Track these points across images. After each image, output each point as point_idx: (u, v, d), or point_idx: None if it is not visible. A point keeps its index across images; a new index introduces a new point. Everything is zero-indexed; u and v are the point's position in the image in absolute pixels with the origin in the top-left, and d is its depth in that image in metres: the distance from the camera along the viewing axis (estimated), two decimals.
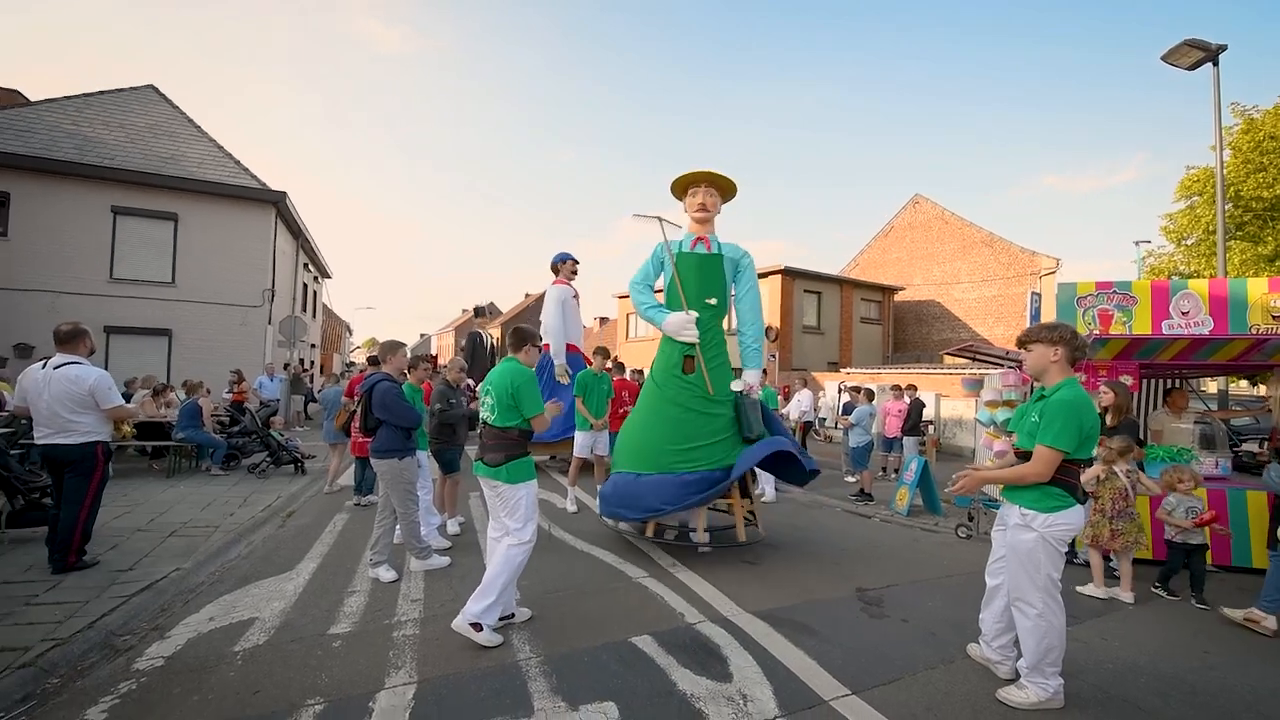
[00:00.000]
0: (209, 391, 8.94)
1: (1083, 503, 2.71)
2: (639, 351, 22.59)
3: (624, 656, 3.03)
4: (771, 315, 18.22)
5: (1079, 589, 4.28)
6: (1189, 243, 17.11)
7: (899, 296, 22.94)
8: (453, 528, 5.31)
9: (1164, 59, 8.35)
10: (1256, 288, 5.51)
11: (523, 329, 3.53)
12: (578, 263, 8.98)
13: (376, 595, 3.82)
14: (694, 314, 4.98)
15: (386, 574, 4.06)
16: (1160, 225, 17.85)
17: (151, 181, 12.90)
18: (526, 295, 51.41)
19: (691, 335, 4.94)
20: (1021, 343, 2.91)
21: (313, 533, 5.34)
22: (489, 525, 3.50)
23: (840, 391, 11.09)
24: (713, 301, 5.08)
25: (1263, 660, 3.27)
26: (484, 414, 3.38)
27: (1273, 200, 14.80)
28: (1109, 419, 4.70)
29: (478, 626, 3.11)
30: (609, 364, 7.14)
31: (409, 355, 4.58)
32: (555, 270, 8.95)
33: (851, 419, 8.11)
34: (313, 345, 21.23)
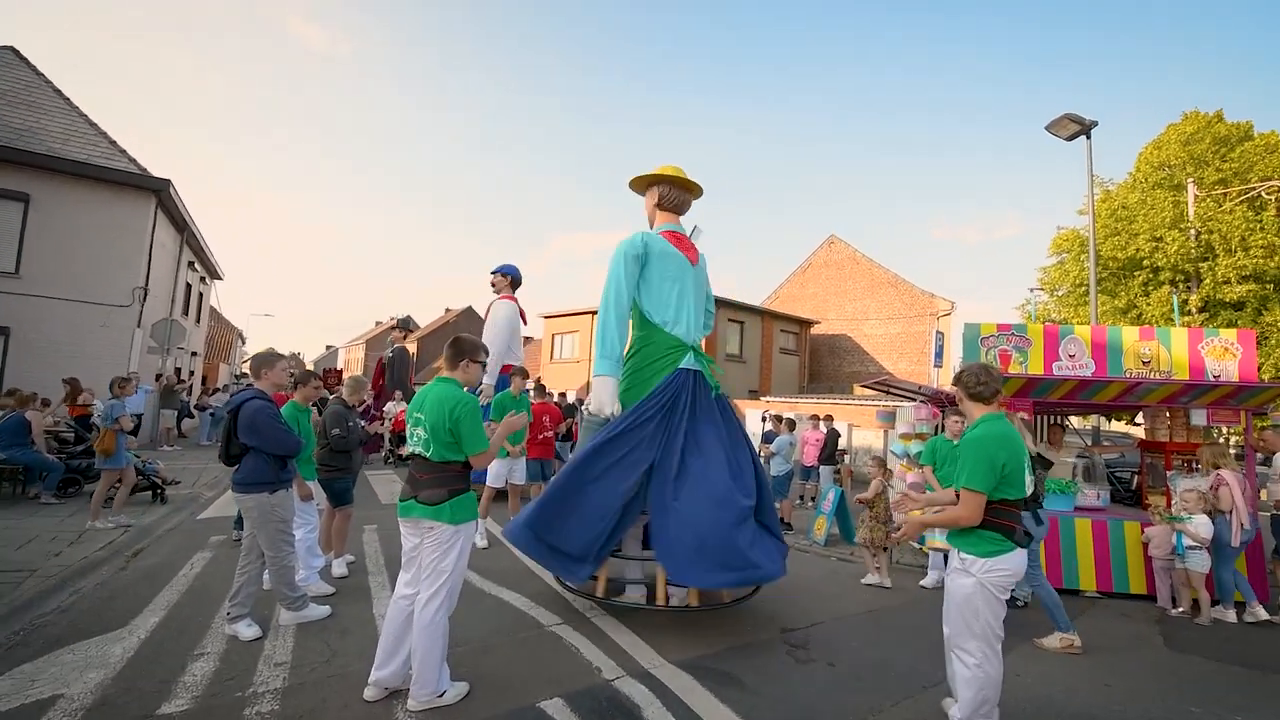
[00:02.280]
0: (46, 403, 7.56)
1: (1024, 546, 2.57)
2: (562, 374, 22.08)
3: None
4: None
5: (863, 581, 5.32)
6: (1060, 294, 19.30)
7: (814, 330, 24.11)
8: (339, 569, 4.64)
9: (1047, 129, 9.32)
10: (1129, 335, 6.09)
11: (463, 340, 2.99)
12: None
13: (230, 659, 3.16)
14: None
15: (247, 630, 3.39)
16: (1037, 278, 20.06)
17: None
18: (447, 310, 49.41)
19: None
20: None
21: (162, 576, 4.48)
22: (400, 577, 2.90)
23: (763, 421, 11.25)
24: None
25: (1154, 685, 3.41)
26: (414, 446, 2.85)
27: (1125, 260, 17.00)
28: None
29: (441, 694, 2.75)
30: (529, 386, 6.73)
31: (289, 367, 3.91)
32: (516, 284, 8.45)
33: (773, 448, 8.15)
34: (194, 354, 18.92)
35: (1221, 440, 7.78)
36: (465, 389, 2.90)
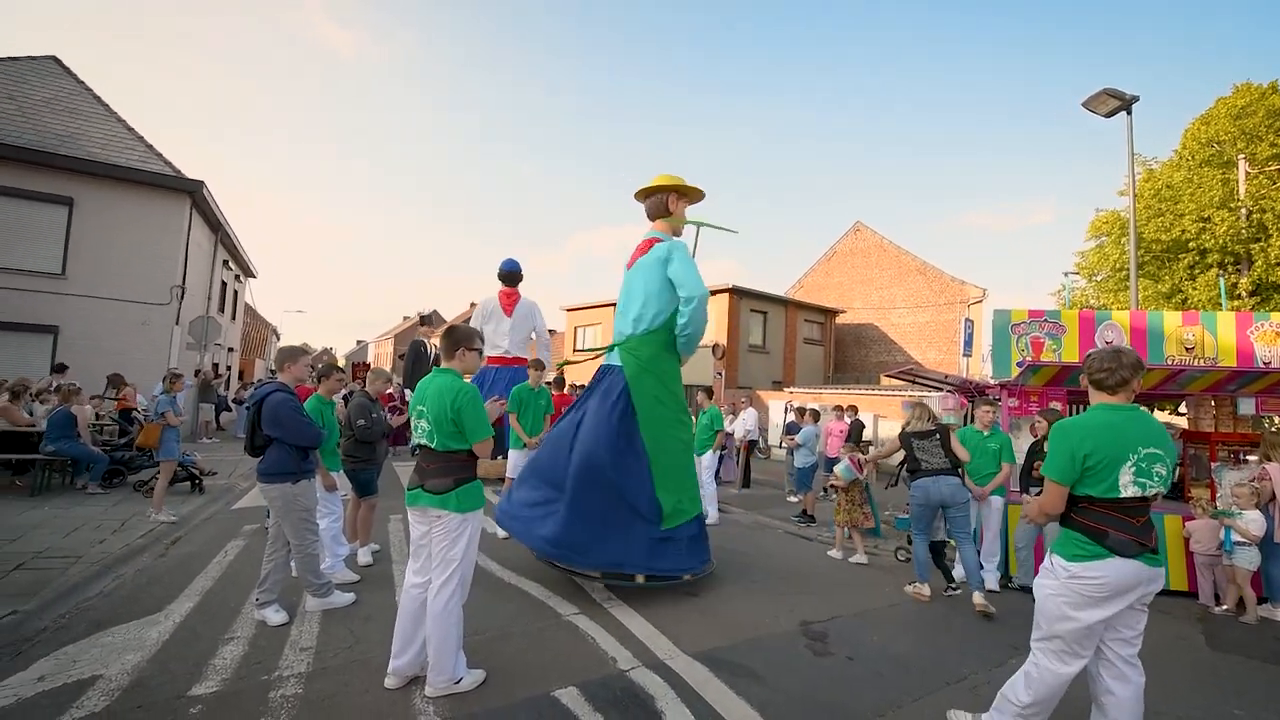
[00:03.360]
0: (94, 398, 7.89)
1: (1126, 555, 2.20)
2: (585, 365, 22.18)
3: (544, 715, 2.65)
4: (719, 333, 18.32)
5: (850, 559, 5.68)
6: (1099, 279, 18.51)
7: (840, 319, 23.67)
8: (364, 557, 4.75)
9: (1084, 105, 8.92)
10: (1171, 321, 5.81)
11: (457, 329, 3.00)
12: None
13: (258, 644, 3.26)
14: None
15: (275, 616, 3.50)
16: (1074, 262, 19.28)
17: (43, 160, 11.52)
18: (472, 304, 50.06)
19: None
20: None
21: (197, 564, 4.65)
22: (409, 566, 2.98)
23: (786, 411, 11.12)
24: None
25: (1194, 686, 3.27)
26: (419, 438, 2.89)
27: (1169, 243, 16.20)
28: (1047, 446, 4.76)
29: (458, 681, 2.80)
30: (547, 378, 6.76)
31: (311, 361, 4.01)
32: (517, 280, 8.72)
33: (799, 439, 8.06)
34: (230, 349, 19.57)
35: (1275, 430, 7.37)
36: (465, 378, 2.92)
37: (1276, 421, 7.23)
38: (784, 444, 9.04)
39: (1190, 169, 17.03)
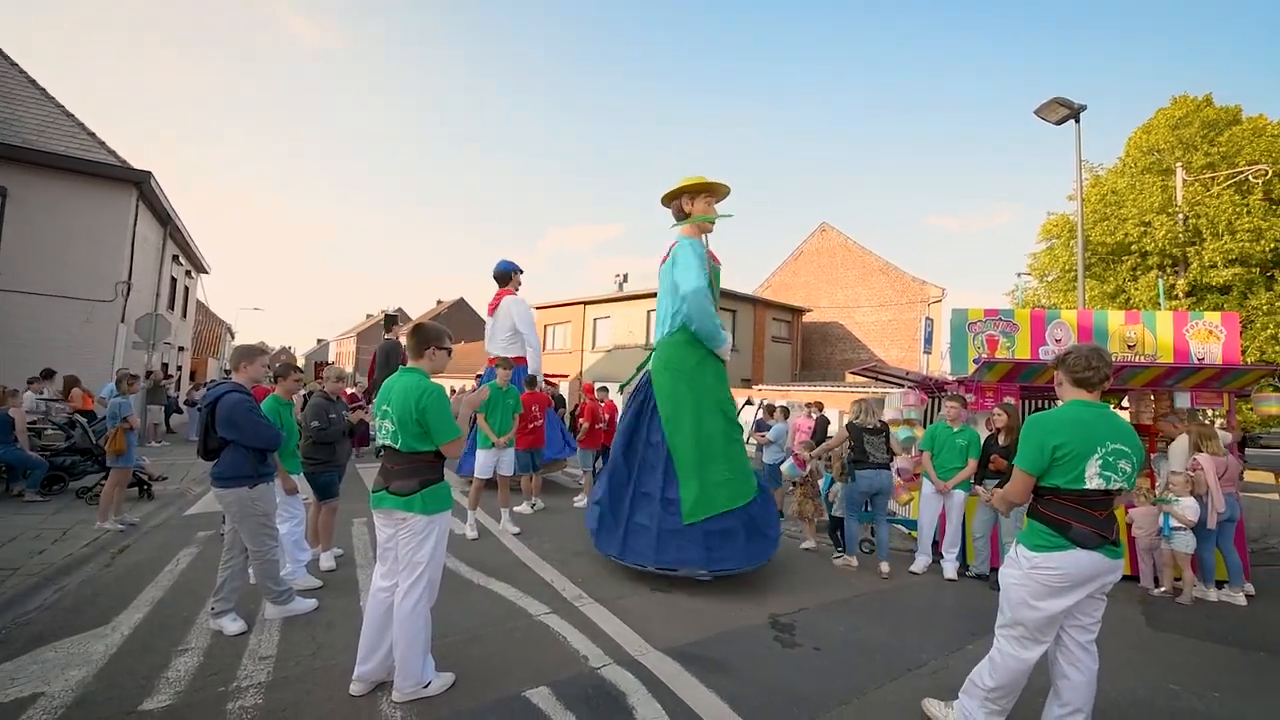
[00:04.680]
0: (49, 401, 7.45)
1: (1087, 547, 2.30)
2: (554, 364, 22.02)
3: (515, 715, 2.64)
4: None
5: (801, 545, 6.01)
6: (1050, 279, 19.36)
7: (806, 318, 24.13)
8: (327, 562, 4.61)
9: (1036, 113, 9.30)
10: (1115, 320, 6.13)
11: (427, 327, 2.90)
12: (521, 273, 8.82)
13: (214, 654, 3.13)
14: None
15: (232, 625, 3.36)
16: (1027, 263, 20.12)
17: None
18: (439, 302, 49.09)
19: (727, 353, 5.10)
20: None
21: (147, 573, 4.44)
22: (376, 570, 2.91)
23: (757, 409, 11.27)
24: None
25: (1135, 665, 3.46)
26: (383, 439, 2.80)
27: (1114, 246, 17.07)
28: (1002, 439, 4.97)
29: (426, 685, 2.74)
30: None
31: (268, 362, 3.87)
32: (505, 280, 8.52)
33: (770, 436, 8.20)
34: (181, 348, 18.71)
35: (1207, 422, 7.86)
36: (432, 378, 2.85)
37: (1210, 414, 7.69)
38: (753, 440, 9.16)
39: (1133, 175, 17.97)
